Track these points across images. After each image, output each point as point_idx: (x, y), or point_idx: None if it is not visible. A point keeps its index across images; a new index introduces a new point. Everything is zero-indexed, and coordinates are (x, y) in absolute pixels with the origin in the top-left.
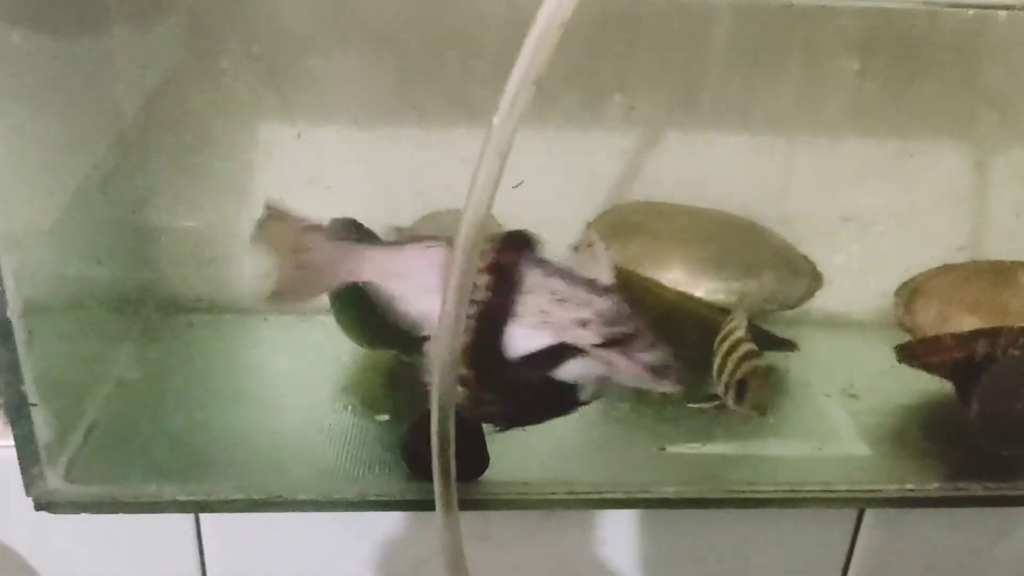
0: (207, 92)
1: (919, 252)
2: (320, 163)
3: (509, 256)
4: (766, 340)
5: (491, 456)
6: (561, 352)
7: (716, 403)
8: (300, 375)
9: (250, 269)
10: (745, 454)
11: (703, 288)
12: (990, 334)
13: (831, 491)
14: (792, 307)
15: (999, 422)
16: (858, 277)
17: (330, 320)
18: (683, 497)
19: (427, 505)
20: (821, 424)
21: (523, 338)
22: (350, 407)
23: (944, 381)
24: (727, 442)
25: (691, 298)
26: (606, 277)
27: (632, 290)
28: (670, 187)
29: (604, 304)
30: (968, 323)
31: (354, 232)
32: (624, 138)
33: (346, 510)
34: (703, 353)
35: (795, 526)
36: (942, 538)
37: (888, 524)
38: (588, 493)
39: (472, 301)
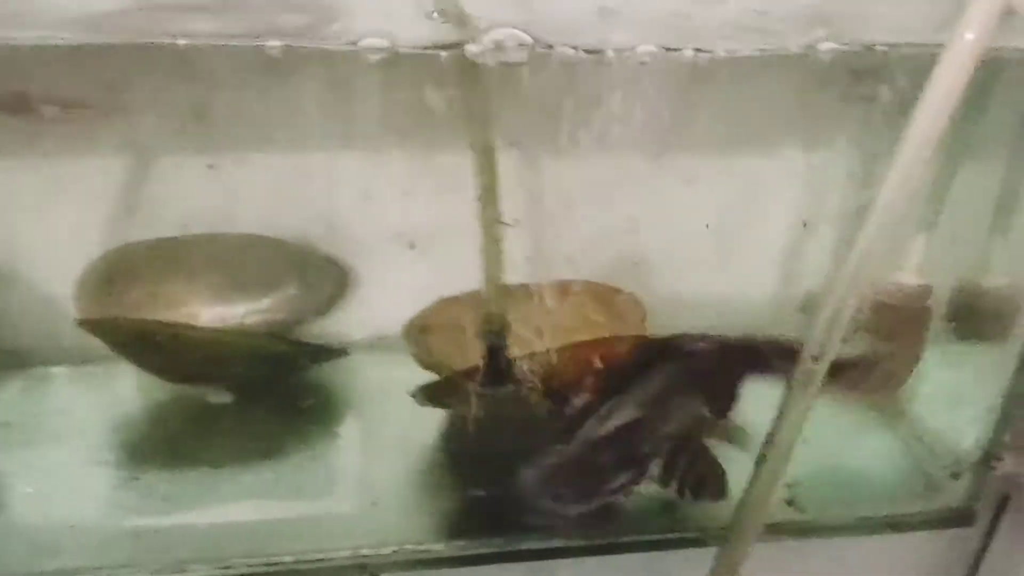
0: None
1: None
2: None
3: None
4: (312, 352)
5: None
6: None
7: None
8: None
9: None
10: (240, 520)
11: (224, 315)
12: None
13: (331, 557)
14: (325, 312)
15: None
16: (418, 296)
17: None
18: None
19: None
20: (332, 478)
21: None
22: None
23: None
24: (213, 507)
25: (234, 332)
26: None
27: (161, 340)
28: (197, 217)
29: None
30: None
31: None
32: (134, 166)
33: None
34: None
35: None
36: None
37: None
38: None
39: None
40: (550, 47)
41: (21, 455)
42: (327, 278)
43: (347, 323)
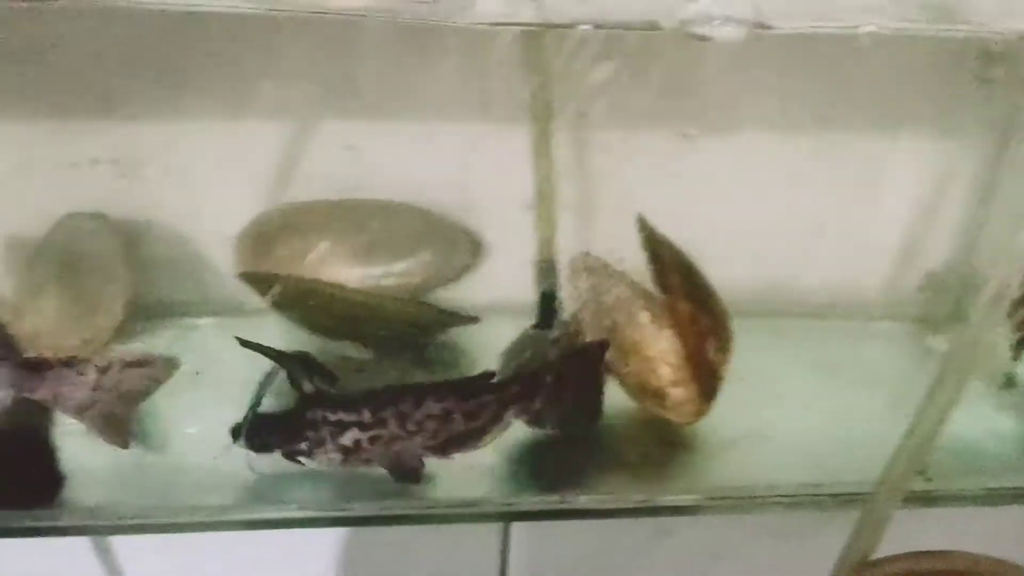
0: None
1: (596, 238)
2: None
3: None
4: (447, 317)
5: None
6: None
7: None
8: None
9: None
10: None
11: (361, 276)
12: None
13: (477, 503)
14: (457, 279)
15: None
16: None
17: None
18: (281, 517)
19: None
20: None
21: None
22: None
23: None
24: None
25: (382, 296)
26: None
27: (323, 299)
28: (340, 179)
29: None
30: None
31: None
32: (283, 128)
33: None
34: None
35: (446, 541)
36: (599, 545)
37: (540, 535)
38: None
39: None
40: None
41: (177, 398)
42: (461, 247)
43: (475, 289)
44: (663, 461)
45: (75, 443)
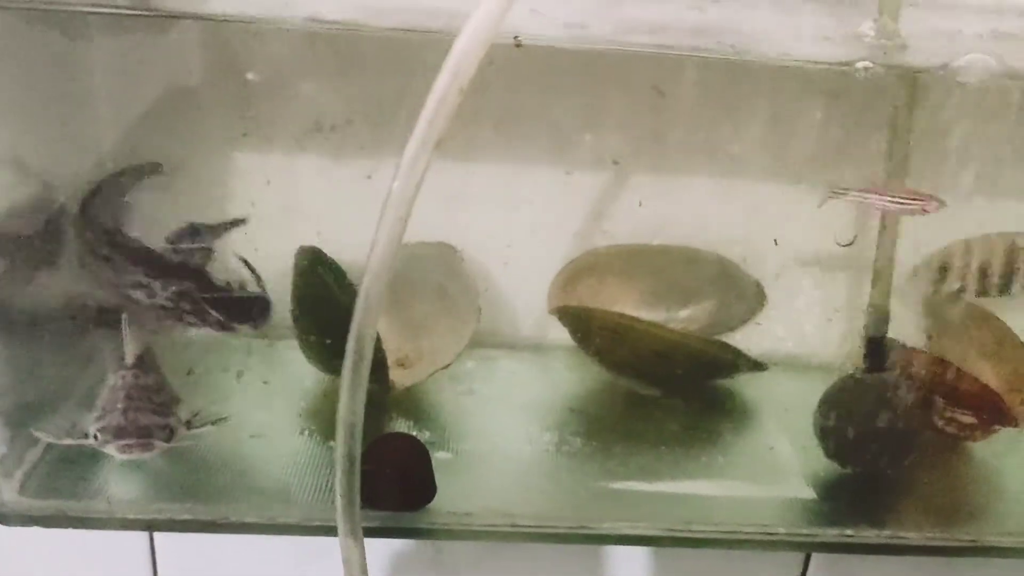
0: (184, 121)
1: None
2: (294, 193)
3: None
4: (743, 362)
5: (440, 486)
6: None
7: None
8: (263, 399)
9: None
10: (692, 493)
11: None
12: None
13: (772, 534)
14: (735, 328)
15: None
16: (819, 320)
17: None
18: (619, 534)
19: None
20: (770, 465)
21: None
22: (308, 433)
23: None
24: (674, 481)
25: (688, 335)
26: None
27: (631, 335)
28: (638, 227)
29: None
30: None
31: None
32: (595, 177)
33: (289, 534)
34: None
35: (743, 567)
36: None
37: (835, 569)
38: (529, 526)
39: None
40: None
41: (478, 418)
42: (745, 296)
43: (749, 340)
44: (963, 505)
45: None
